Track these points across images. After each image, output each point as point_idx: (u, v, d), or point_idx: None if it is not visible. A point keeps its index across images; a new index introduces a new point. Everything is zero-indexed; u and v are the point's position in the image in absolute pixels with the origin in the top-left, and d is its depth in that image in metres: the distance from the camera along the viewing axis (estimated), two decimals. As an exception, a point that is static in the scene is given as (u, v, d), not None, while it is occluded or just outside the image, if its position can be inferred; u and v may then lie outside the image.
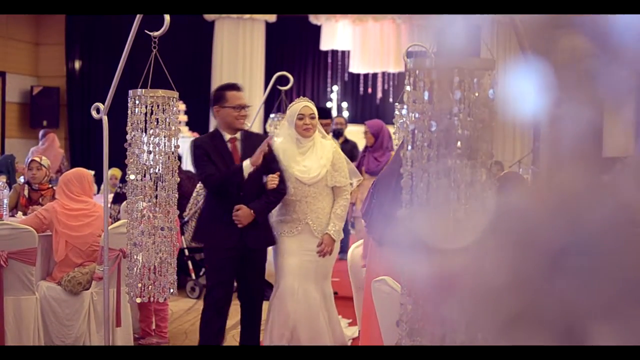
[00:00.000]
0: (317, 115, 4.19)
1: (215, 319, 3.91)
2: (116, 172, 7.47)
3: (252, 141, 4.00)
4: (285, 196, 4.07)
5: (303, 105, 4.15)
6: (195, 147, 3.93)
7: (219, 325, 3.93)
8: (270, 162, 3.93)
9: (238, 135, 3.99)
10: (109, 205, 4.55)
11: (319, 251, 4.09)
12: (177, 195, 3.38)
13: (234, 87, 4.03)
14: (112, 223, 4.44)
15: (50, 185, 5.44)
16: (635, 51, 1.09)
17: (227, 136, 3.95)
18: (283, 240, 4.10)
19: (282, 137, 4.25)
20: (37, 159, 5.41)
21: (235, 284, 4.09)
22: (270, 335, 4.03)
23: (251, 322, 4.05)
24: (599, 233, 1.08)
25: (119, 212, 5.74)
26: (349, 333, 4.96)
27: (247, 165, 3.81)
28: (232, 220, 3.84)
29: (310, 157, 4.14)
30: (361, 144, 7.41)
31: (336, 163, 4.17)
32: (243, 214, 3.83)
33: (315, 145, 4.18)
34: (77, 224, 4.30)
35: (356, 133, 9.32)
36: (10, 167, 8.11)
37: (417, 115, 1.88)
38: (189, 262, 6.19)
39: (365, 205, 3.61)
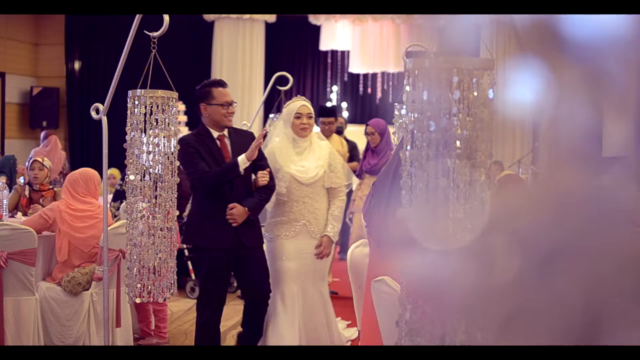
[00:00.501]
0: (314, 115, 4.15)
1: (211, 321, 3.85)
2: (115, 172, 7.48)
3: (240, 138, 3.93)
4: (280, 196, 4.02)
5: (301, 104, 4.10)
6: (184, 145, 3.78)
7: (215, 326, 3.87)
8: (258, 159, 3.87)
9: (226, 132, 3.91)
10: (109, 203, 4.54)
11: (318, 253, 4.05)
12: (176, 196, 3.38)
13: (219, 83, 3.92)
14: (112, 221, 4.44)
15: (51, 187, 5.47)
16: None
17: (215, 134, 3.87)
18: (281, 243, 4.04)
19: (277, 136, 4.20)
20: (39, 159, 5.45)
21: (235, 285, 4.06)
22: (270, 340, 4.00)
23: (254, 322, 3.99)
24: (597, 233, 1.08)
25: (118, 209, 5.75)
26: (347, 334, 4.94)
27: (243, 160, 3.73)
28: (224, 220, 3.77)
29: (307, 157, 4.10)
30: (360, 144, 7.39)
31: (332, 164, 4.14)
32: (238, 212, 3.76)
33: (312, 145, 4.14)
34: (81, 225, 4.30)
35: (356, 133, 9.31)
36: (12, 168, 8.09)
37: (416, 115, 1.88)
38: (189, 263, 6.19)
39: (366, 206, 3.61)
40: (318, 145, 4.17)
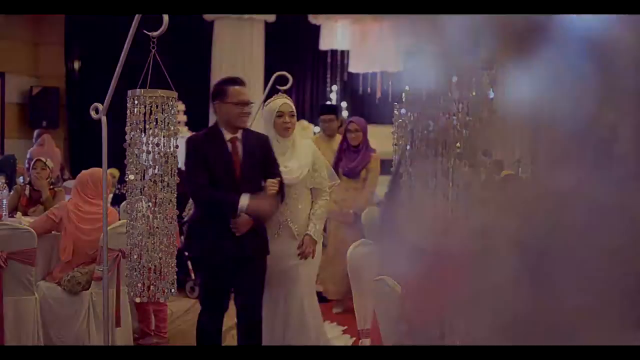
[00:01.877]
0: (296, 113, 4.00)
1: (210, 326, 3.79)
2: (114, 171, 7.48)
3: (253, 141, 3.74)
4: None
5: (282, 102, 3.94)
6: (191, 146, 3.61)
7: (216, 328, 3.80)
8: (270, 166, 3.74)
9: (239, 134, 3.71)
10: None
11: (300, 253, 3.94)
12: (176, 195, 3.37)
13: (235, 81, 3.71)
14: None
15: (51, 187, 5.49)
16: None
17: (228, 135, 3.67)
18: None
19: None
20: (42, 159, 5.50)
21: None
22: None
23: (243, 335, 3.86)
24: (597, 233, 1.08)
25: (118, 212, 5.76)
26: (342, 342, 4.89)
27: (243, 206, 3.56)
28: (228, 228, 3.63)
29: (290, 157, 3.95)
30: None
31: (316, 163, 4.03)
32: (242, 221, 3.61)
33: (295, 145, 4.00)
34: (88, 228, 4.29)
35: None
36: (12, 168, 8.10)
37: (415, 114, 1.89)
38: (189, 262, 6.19)
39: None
40: (301, 144, 4.04)
